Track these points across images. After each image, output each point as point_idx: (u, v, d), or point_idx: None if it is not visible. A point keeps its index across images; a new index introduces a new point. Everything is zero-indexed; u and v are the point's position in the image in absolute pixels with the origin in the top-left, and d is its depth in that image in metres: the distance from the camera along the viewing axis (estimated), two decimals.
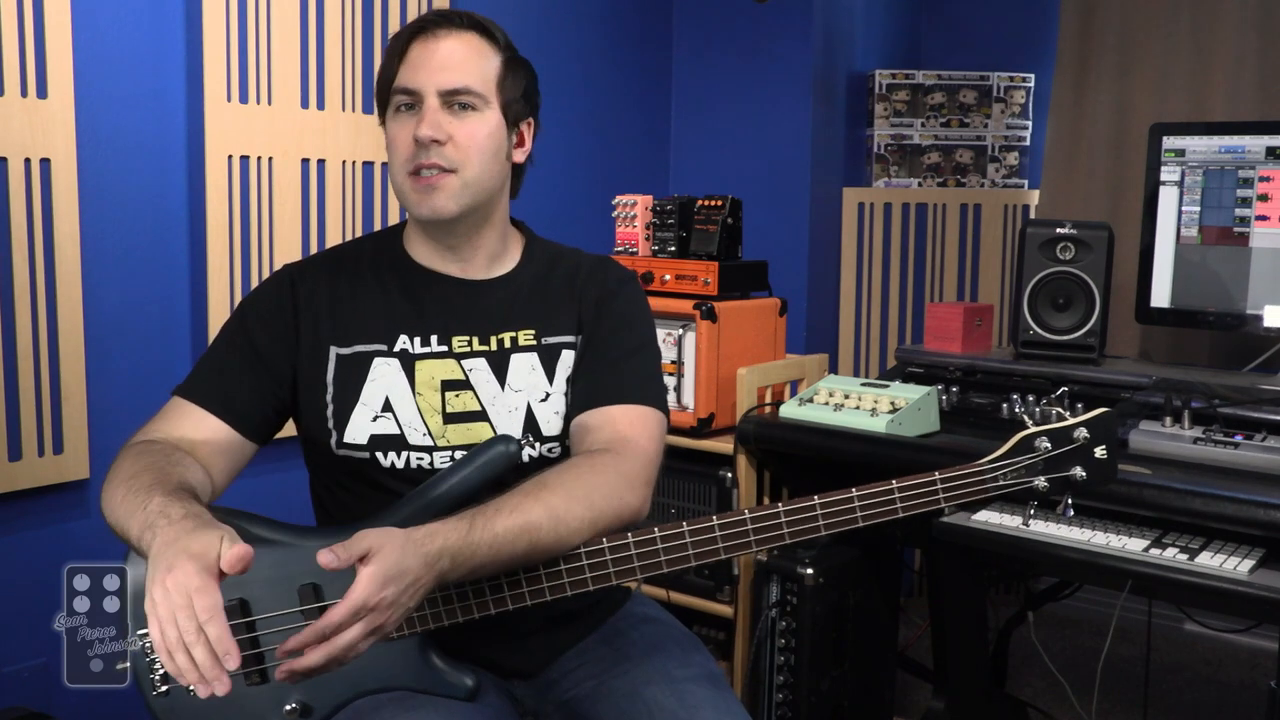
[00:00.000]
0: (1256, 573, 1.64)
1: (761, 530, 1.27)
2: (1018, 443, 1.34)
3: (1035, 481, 1.33)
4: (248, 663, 1.26)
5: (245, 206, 2.20)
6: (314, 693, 1.27)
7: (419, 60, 1.37)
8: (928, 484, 1.30)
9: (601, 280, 1.48)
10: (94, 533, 2.02)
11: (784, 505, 1.28)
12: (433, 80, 1.36)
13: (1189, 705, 2.77)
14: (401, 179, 1.38)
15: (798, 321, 3.04)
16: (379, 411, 1.38)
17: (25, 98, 1.88)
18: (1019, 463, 1.33)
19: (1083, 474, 1.34)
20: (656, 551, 1.26)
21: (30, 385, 1.93)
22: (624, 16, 3.12)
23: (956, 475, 1.31)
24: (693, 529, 1.26)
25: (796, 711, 2.14)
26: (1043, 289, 2.37)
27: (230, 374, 1.39)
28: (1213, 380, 2.10)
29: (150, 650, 1.27)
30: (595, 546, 1.26)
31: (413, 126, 1.35)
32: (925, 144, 3.25)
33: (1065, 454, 1.34)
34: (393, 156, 1.39)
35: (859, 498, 1.29)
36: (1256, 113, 2.77)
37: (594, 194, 2.90)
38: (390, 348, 1.40)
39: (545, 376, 1.42)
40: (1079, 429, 1.34)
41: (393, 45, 1.40)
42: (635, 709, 1.34)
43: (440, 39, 1.37)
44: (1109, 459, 1.34)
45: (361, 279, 1.44)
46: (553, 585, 1.26)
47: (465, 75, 1.37)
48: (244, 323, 1.42)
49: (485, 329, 1.42)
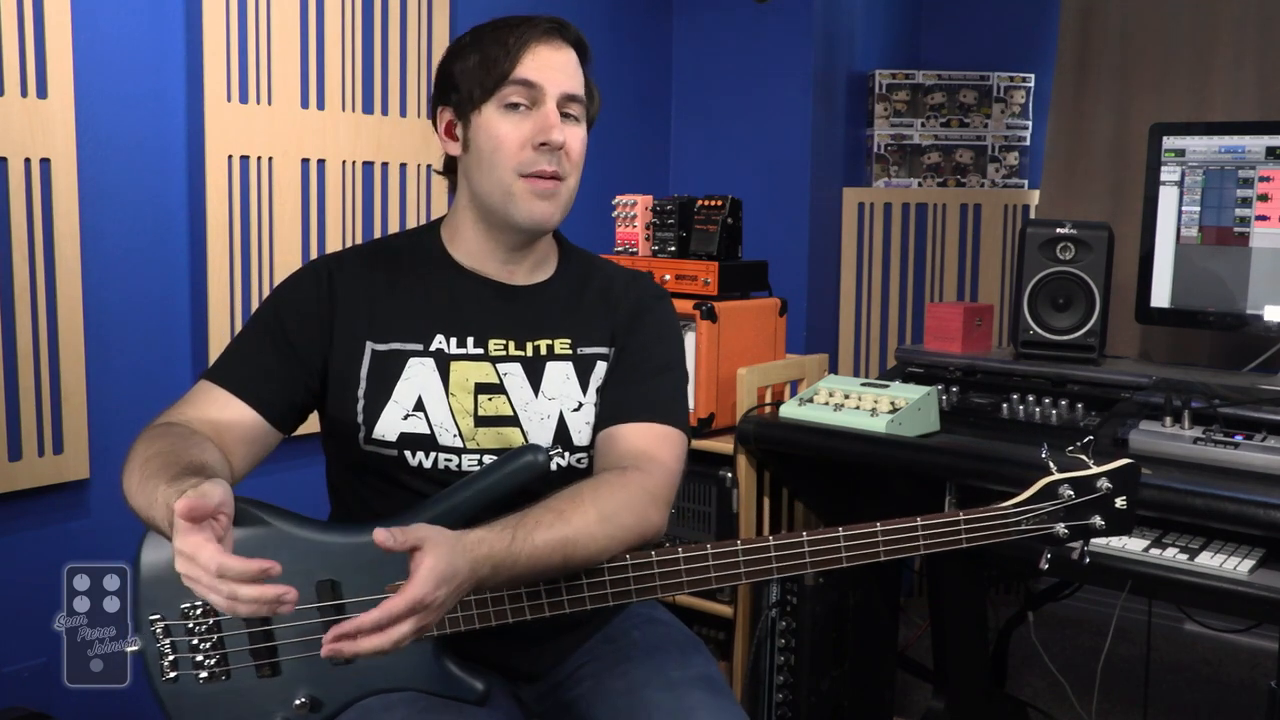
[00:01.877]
0: (1256, 573, 1.64)
1: (784, 559, 1.28)
2: (1042, 489, 1.34)
3: (1055, 528, 1.34)
4: (260, 655, 1.26)
5: (245, 206, 2.20)
6: (324, 688, 1.27)
7: (544, 60, 1.36)
8: (951, 524, 1.31)
9: (637, 295, 1.50)
10: (94, 533, 2.03)
11: (808, 535, 1.28)
12: (558, 83, 1.36)
13: (1189, 705, 2.77)
14: (511, 180, 1.36)
15: (798, 321, 3.04)
16: (410, 410, 1.37)
17: (25, 98, 1.88)
18: (1042, 509, 1.34)
19: (1101, 523, 1.34)
20: (679, 572, 1.27)
21: (30, 385, 1.93)
22: (624, 17, 3.12)
23: (980, 517, 1.32)
24: (716, 552, 1.26)
25: (796, 711, 2.14)
26: (1043, 289, 2.37)
27: (261, 361, 1.38)
28: (1213, 380, 2.10)
29: (161, 635, 1.27)
30: (619, 563, 1.27)
31: (530, 126, 1.35)
32: (925, 144, 3.25)
33: (1086, 503, 1.34)
34: (499, 155, 1.36)
35: (883, 533, 1.30)
36: (1256, 113, 2.77)
37: (594, 194, 2.90)
38: (426, 347, 1.39)
39: (579, 387, 1.42)
40: (1102, 479, 1.34)
41: (506, 37, 1.37)
42: (633, 710, 1.34)
43: (560, 47, 1.39)
44: (1128, 510, 1.35)
45: (400, 275, 1.43)
46: (572, 599, 1.26)
47: (579, 84, 1.39)
48: (278, 311, 1.41)
49: (522, 334, 1.42)
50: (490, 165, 1.37)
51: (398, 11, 2.44)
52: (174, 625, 1.27)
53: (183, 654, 1.27)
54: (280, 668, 1.27)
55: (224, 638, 1.27)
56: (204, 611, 1.26)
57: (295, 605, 1.06)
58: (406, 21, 2.46)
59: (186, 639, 1.27)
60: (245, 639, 1.27)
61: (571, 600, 1.26)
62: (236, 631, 1.27)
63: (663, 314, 1.51)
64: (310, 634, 1.26)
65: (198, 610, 1.26)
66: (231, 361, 1.39)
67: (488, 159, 1.37)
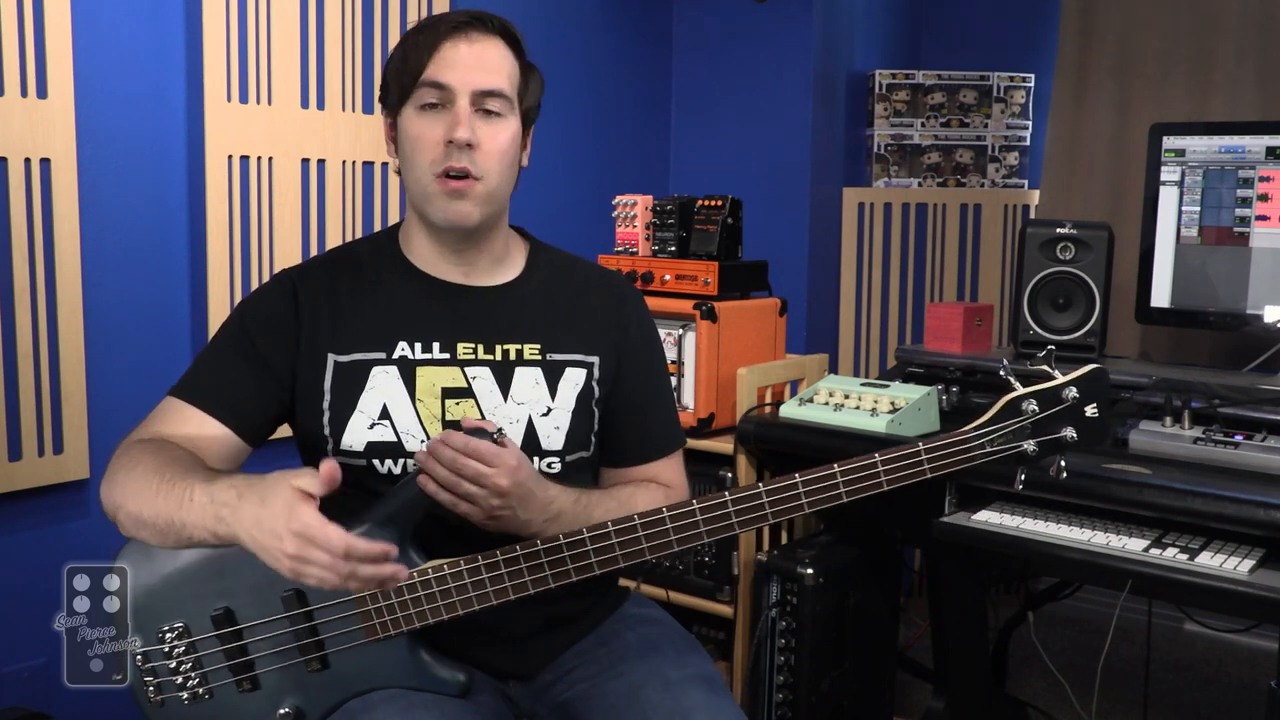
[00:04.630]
0: (1256, 573, 1.64)
1: (744, 511, 1.27)
2: (1004, 406, 1.29)
3: (1024, 446, 1.29)
4: (239, 670, 1.27)
5: (245, 206, 2.20)
6: (305, 697, 1.28)
7: (453, 58, 1.34)
8: (912, 454, 1.28)
9: (618, 302, 1.51)
10: (94, 533, 2.02)
11: (765, 485, 1.27)
12: (467, 80, 1.34)
13: (1189, 705, 2.77)
14: (427, 181, 1.35)
15: (798, 321, 3.04)
16: (376, 419, 1.36)
17: (25, 98, 1.88)
18: (1006, 427, 1.29)
19: (1073, 435, 1.29)
20: (639, 539, 1.27)
21: (30, 385, 1.93)
22: (624, 16, 3.12)
23: (941, 444, 1.28)
24: (673, 513, 1.27)
25: (796, 711, 2.14)
26: (1043, 289, 2.37)
27: (232, 377, 1.37)
28: (1213, 380, 2.10)
29: (142, 662, 1.28)
30: (576, 537, 1.28)
31: (442, 126, 1.34)
32: (925, 144, 3.25)
33: (1054, 415, 1.29)
34: (416, 155, 1.35)
35: (841, 472, 1.27)
36: (1256, 113, 2.77)
37: (594, 194, 2.90)
38: (389, 355, 1.39)
39: (548, 392, 1.42)
40: (1068, 388, 1.29)
41: (419, 37, 1.37)
42: (630, 711, 1.33)
43: (474, 40, 1.36)
44: (1100, 417, 1.30)
45: (361, 284, 1.42)
46: (535, 579, 1.28)
47: (498, 78, 1.36)
48: (244, 326, 1.40)
49: (490, 337, 1.42)
50: (410, 165, 1.37)
51: (398, 11, 2.44)
52: (151, 651, 1.28)
53: (165, 677, 1.29)
54: (259, 681, 1.28)
55: (200, 658, 1.28)
56: (178, 634, 1.28)
57: (403, 581, 1.19)
58: (406, 22, 2.45)
59: (165, 662, 1.28)
60: (222, 656, 1.28)
61: (535, 581, 1.28)
62: (212, 650, 1.28)
63: (646, 319, 1.55)
64: (283, 644, 1.27)
65: (172, 634, 1.28)
66: (201, 378, 1.38)
67: (408, 159, 1.37)
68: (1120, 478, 1.78)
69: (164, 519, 1.20)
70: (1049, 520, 1.83)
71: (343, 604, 1.26)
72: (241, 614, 1.27)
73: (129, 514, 1.24)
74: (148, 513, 1.21)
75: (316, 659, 1.27)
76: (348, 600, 1.25)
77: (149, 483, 1.22)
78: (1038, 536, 1.80)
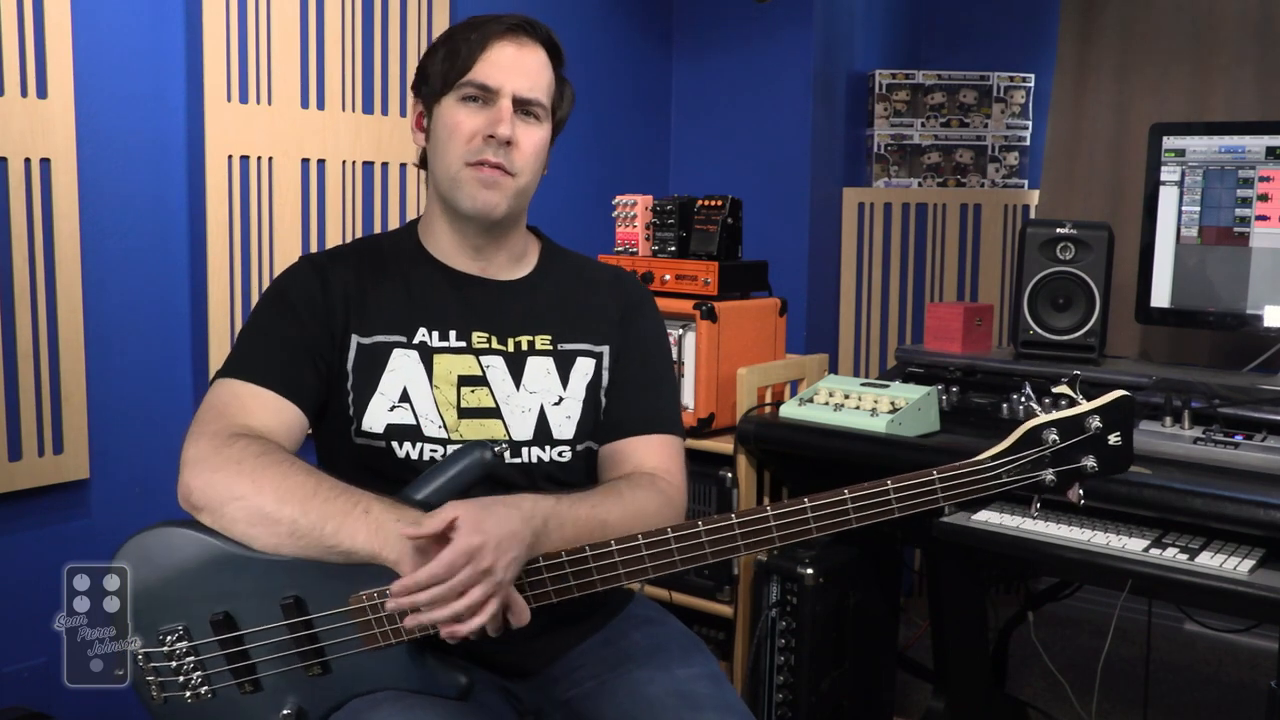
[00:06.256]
0: (1256, 573, 1.64)
1: (750, 535, 1.26)
2: (1022, 436, 1.24)
3: (1043, 476, 1.24)
4: (240, 674, 1.27)
5: (245, 206, 2.20)
6: (308, 698, 1.27)
7: (501, 60, 1.39)
8: (925, 484, 1.24)
9: (625, 297, 1.53)
10: (94, 533, 2.03)
11: (773, 509, 1.26)
12: (513, 84, 1.39)
13: (1189, 705, 2.77)
14: (459, 168, 1.39)
15: (798, 321, 3.04)
16: (396, 401, 1.38)
17: (25, 98, 1.88)
18: (1024, 458, 1.24)
19: (1094, 465, 1.24)
20: (642, 558, 1.26)
21: (30, 385, 1.93)
22: (624, 17, 3.12)
23: (956, 474, 1.24)
24: (678, 535, 1.26)
25: (796, 711, 2.14)
26: (1043, 289, 2.37)
27: (287, 353, 1.37)
28: (1213, 380, 2.10)
29: (143, 662, 1.28)
30: (579, 554, 1.27)
31: (483, 119, 1.38)
32: (925, 144, 3.25)
33: (1075, 445, 1.24)
34: (452, 143, 1.39)
35: (852, 499, 1.24)
36: (1256, 113, 2.77)
37: (594, 194, 2.90)
38: (410, 339, 1.41)
39: (560, 381, 1.45)
40: (1091, 417, 1.24)
41: (471, 35, 1.40)
42: (638, 708, 1.34)
43: (523, 46, 1.41)
44: (1124, 445, 1.24)
45: (383, 271, 1.45)
46: (537, 595, 1.26)
47: (539, 87, 1.42)
48: (287, 301, 1.40)
49: (504, 329, 1.45)
50: (443, 152, 1.41)
51: (398, 11, 2.44)
52: (153, 651, 1.28)
53: (167, 677, 1.29)
54: (261, 684, 1.28)
55: (202, 660, 1.28)
56: (179, 636, 1.27)
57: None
58: (406, 21, 2.46)
59: (167, 663, 1.28)
60: (223, 660, 1.27)
61: (558, 590, 1.27)
62: (214, 654, 1.27)
63: (653, 315, 1.56)
64: (284, 650, 1.26)
65: (172, 636, 1.27)
66: (257, 358, 1.37)
67: (442, 146, 1.41)
68: (1120, 478, 1.78)
69: (315, 521, 1.21)
70: (1049, 520, 1.83)
71: (342, 613, 1.25)
72: (241, 618, 1.26)
73: (252, 508, 1.23)
74: (291, 511, 1.21)
75: (318, 664, 1.27)
76: (352, 608, 1.25)
77: (302, 483, 1.23)
78: (1037, 536, 1.80)
